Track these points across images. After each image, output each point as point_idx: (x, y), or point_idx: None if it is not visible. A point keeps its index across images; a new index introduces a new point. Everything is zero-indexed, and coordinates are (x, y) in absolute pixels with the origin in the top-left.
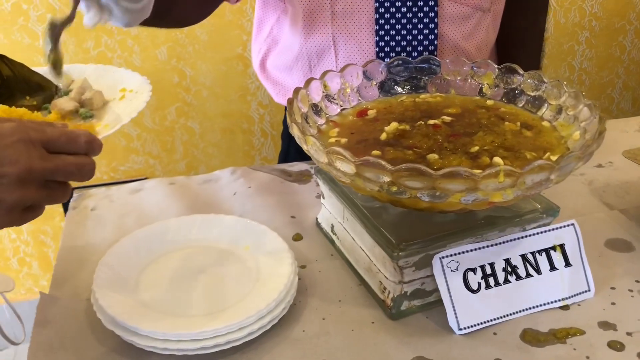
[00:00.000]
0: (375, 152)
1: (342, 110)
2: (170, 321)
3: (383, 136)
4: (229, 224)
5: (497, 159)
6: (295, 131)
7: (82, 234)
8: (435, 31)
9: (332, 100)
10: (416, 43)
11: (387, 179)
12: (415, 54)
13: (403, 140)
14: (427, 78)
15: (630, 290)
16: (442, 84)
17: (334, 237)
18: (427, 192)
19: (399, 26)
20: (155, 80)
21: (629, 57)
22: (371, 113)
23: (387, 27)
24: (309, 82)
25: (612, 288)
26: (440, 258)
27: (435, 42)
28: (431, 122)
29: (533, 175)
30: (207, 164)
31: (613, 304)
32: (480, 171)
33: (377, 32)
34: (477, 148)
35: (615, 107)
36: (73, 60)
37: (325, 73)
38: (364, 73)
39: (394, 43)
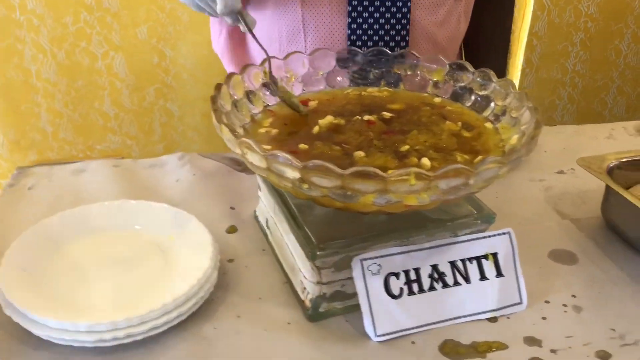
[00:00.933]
0: (302, 145)
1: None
2: (69, 311)
3: (316, 129)
4: (156, 211)
5: (424, 160)
6: (214, 119)
7: (13, 213)
8: (408, 16)
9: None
10: (388, 27)
11: (297, 175)
12: (387, 38)
13: (335, 135)
14: (377, 71)
15: (565, 305)
16: (392, 78)
17: (267, 232)
18: (337, 191)
19: (372, 8)
20: (134, 60)
21: (624, 62)
22: (312, 104)
23: (359, 8)
24: (245, 68)
25: (547, 302)
26: (361, 260)
27: (408, 27)
28: (367, 117)
29: (448, 179)
30: (186, 147)
31: (544, 318)
32: (390, 172)
33: (349, 13)
34: (407, 147)
35: (608, 112)
36: (51, 35)
37: (265, 60)
38: (310, 62)
39: (366, 26)
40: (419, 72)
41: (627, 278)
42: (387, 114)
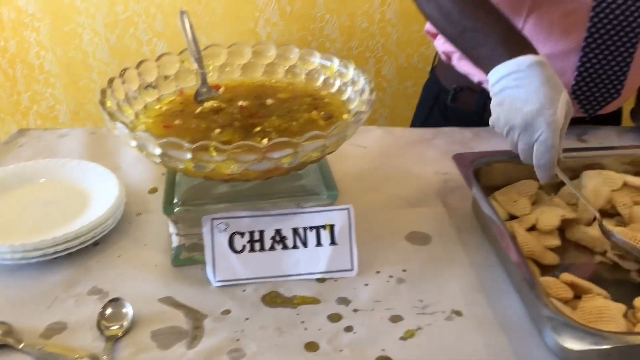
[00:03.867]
0: (177, 121)
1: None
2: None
3: (198, 110)
4: (88, 168)
5: (264, 141)
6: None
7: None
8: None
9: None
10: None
11: (134, 142)
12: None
13: (211, 115)
14: (285, 67)
15: (391, 277)
16: (297, 72)
17: None
18: (163, 157)
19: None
20: (176, 45)
21: None
22: (222, 90)
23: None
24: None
25: (377, 272)
26: (211, 219)
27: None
28: (241, 103)
29: (245, 155)
30: None
31: (366, 285)
32: (196, 145)
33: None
34: (258, 129)
35: None
36: (105, 21)
37: (184, 50)
38: (228, 54)
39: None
40: (317, 68)
41: (465, 261)
42: (270, 101)
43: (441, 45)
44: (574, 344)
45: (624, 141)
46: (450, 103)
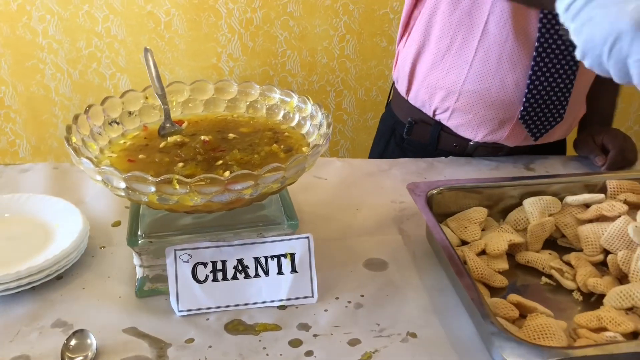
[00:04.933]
0: (141, 155)
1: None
2: None
3: (162, 144)
4: (51, 203)
5: (226, 173)
6: (68, 134)
7: None
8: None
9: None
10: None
11: (98, 177)
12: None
13: (174, 150)
14: (246, 102)
15: (349, 302)
16: (258, 107)
17: None
18: (127, 190)
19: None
20: (138, 80)
21: None
22: (184, 125)
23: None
24: (126, 92)
25: (337, 298)
26: (175, 250)
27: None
28: (203, 137)
29: (206, 187)
30: None
31: (326, 310)
32: (160, 178)
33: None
34: (220, 162)
35: None
36: (67, 57)
37: (147, 87)
38: (191, 90)
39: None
40: (277, 103)
41: (420, 286)
42: (232, 135)
43: (404, 77)
44: (517, 359)
45: (568, 169)
46: (405, 135)
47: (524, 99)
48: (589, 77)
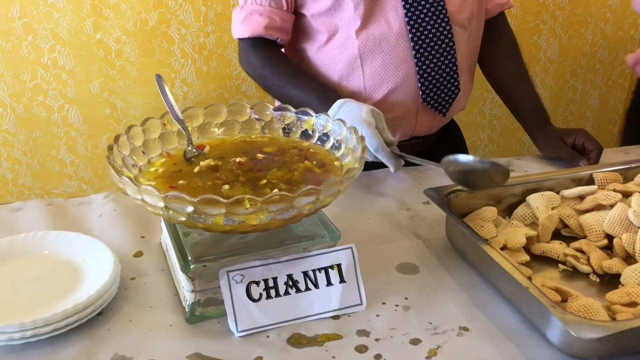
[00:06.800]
0: (182, 181)
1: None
2: None
3: (197, 169)
4: (70, 239)
5: (275, 191)
6: (110, 157)
7: None
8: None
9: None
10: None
11: (160, 203)
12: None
13: (212, 173)
14: (261, 122)
15: (397, 306)
16: (274, 127)
17: (166, 255)
18: (192, 214)
19: None
20: (88, 111)
21: None
22: (207, 149)
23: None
24: (145, 121)
25: (383, 303)
26: (227, 272)
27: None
28: (238, 159)
29: (274, 205)
30: None
31: (378, 315)
32: (229, 200)
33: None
34: (264, 181)
35: (527, 150)
36: (10, 91)
37: (165, 114)
38: (205, 115)
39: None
40: (293, 122)
41: (454, 284)
42: (260, 156)
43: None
44: (589, 334)
45: (543, 168)
46: None
47: (420, 87)
48: (470, 46)
